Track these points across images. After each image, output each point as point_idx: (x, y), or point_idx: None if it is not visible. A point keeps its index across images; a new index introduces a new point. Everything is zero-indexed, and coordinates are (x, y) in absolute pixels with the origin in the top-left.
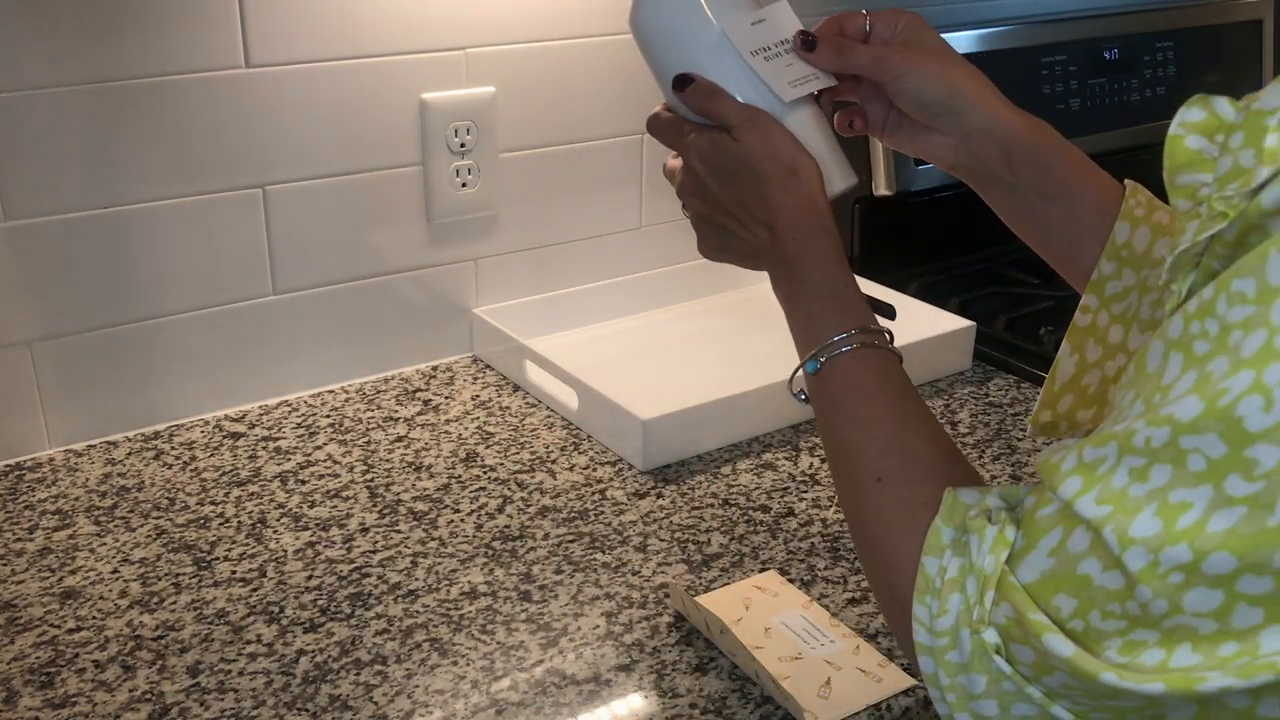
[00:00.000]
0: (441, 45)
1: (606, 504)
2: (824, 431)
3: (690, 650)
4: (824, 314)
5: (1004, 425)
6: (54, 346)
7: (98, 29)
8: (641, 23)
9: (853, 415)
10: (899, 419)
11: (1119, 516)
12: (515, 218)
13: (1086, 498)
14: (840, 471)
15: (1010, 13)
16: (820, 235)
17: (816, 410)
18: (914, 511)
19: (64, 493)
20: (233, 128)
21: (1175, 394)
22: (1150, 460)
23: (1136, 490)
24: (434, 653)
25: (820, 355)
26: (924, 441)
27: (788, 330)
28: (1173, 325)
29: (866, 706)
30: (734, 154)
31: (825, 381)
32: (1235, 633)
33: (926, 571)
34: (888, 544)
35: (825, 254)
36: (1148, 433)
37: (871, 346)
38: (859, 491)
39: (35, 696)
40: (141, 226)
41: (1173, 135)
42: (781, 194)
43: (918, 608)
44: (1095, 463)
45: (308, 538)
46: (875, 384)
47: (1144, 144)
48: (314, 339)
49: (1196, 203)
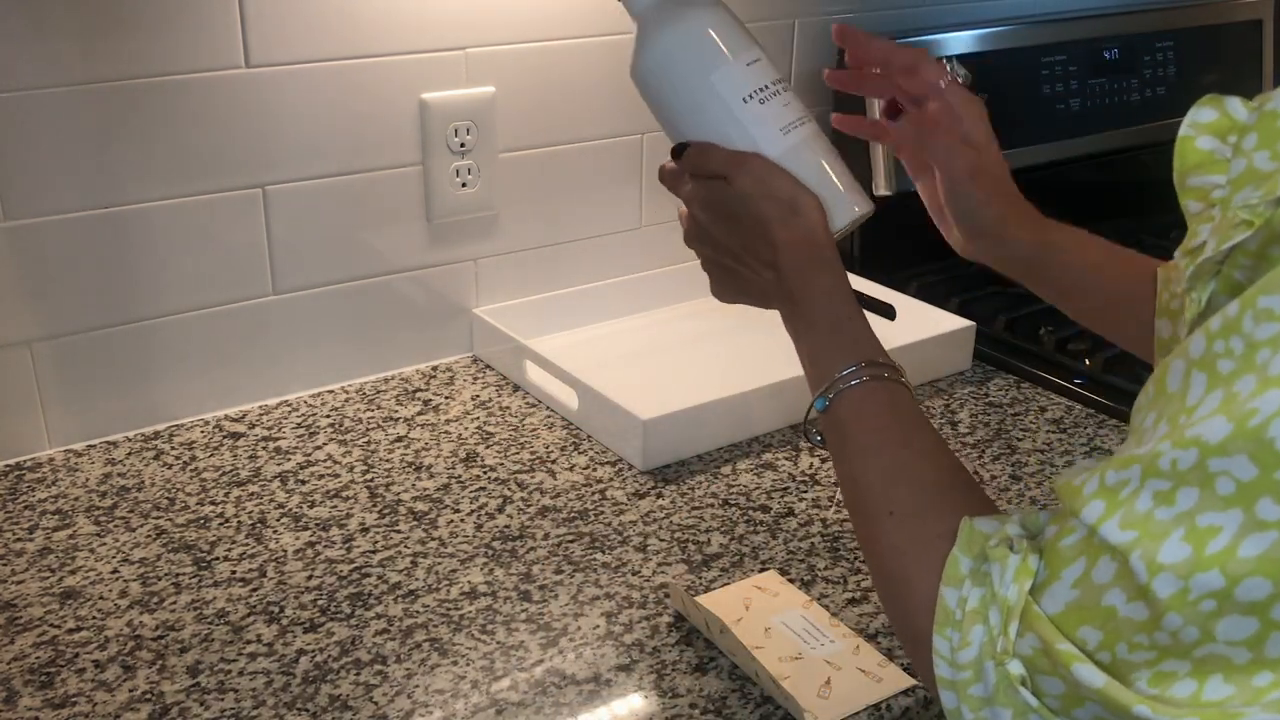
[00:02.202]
0: (441, 45)
1: (606, 504)
2: (837, 467)
3: (690, 650)
4: (829, 349)
5: (1004, 425)
6: (54, 346)
7: (98, 29)
8: (642, 75)
9: (861, 449)
10: (908, 450)
11: (1145, 542)
12: (515, 218)
13: (1110, 522)
14: (853, 507)
15: (1010, 13)
16: (821, 269)
17: (829, 447)
18: (929, 543)
19: (64, 493)
20: (233, 128)
21: (1201, 414)
22: (1176, 483)
23: (1162, 514)
24: (434, 653)
25: (828, 391)
26: (935, 471)
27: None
28: (1194, 344)
29: (866, 706)
30: (730, 198)
31: (834, 417)
32: (1270, 662)
33: (946, 603)
34: (903, 577)
35: (826, 288)
36: (1174, 455)
37: (879, 379)
38: (872, 526)
39: (35, 696)
40: (141, 226)
41: (1183, 136)
42: (783, 231)
43: (938, 640)
44: (1118, 486)
45: (308, 538)
46: (883, 416)
47: (1144, 144)
48: (314, 339)
49: (1209, 205)
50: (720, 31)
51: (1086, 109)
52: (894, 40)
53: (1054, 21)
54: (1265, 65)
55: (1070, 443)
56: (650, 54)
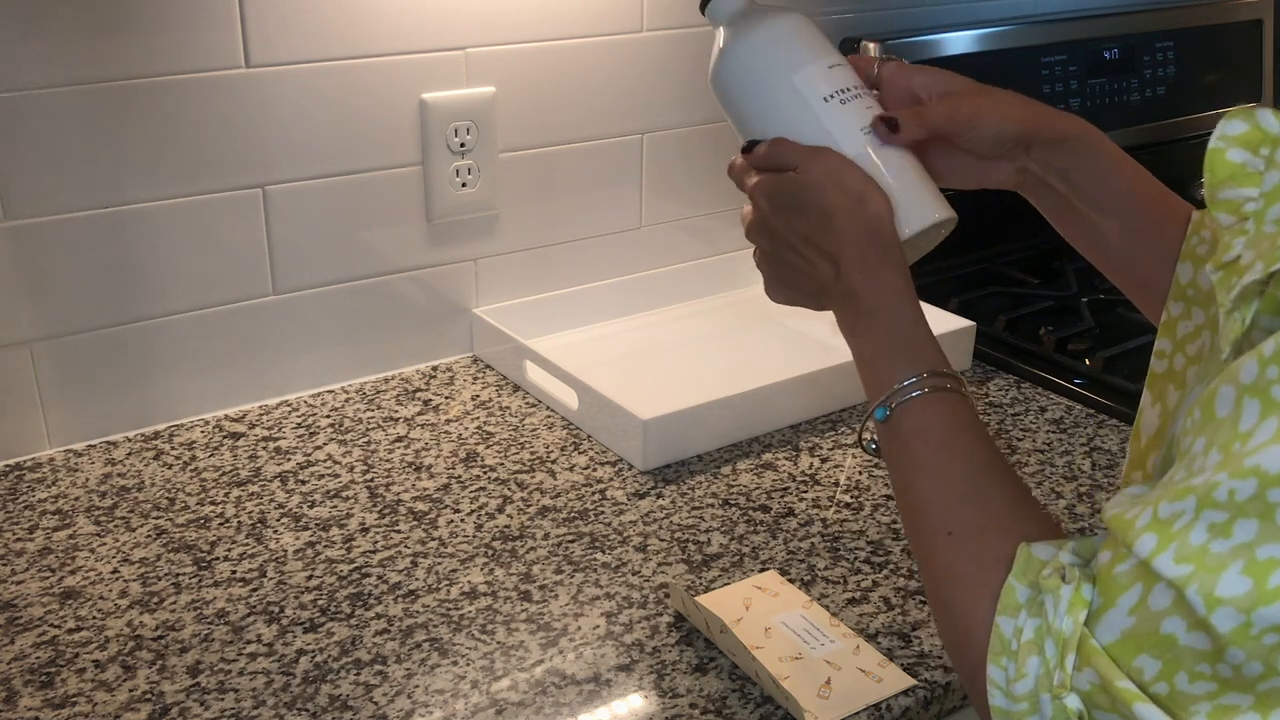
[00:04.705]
0: (441, 45)
1: (606, 504)
2: (895, 482)
3: (690, 650)
4: (892, 355)
5: (1004, 425)
6: (54, 346)
7: (98, 29)
8: (724, 79)
9: (922, 464)
10: (971, 467)
11: (1202, 575)
12: (515, 218)
13: (1164, 556)
14: (911, 524)
15: (1010, 13)
16: (889, 268)
17: (887, 460)
18: (986, 567)
19: (64, 493)
20: (233, 128)
21: (1256, 442)
22: (1234, 515)
23: (1219, 547)
24: (434, 653)
25: (890, 401)
26: (997, 490)
27: (787, 330)
28: (1245, 369)
29: (866, 706)
30: (797, 186)
31: (895, 429)
32: None
33: (1001, 632)
34: (960, 602)
35: (894, 288)
36: (1231, 485)
37: (943, 390)
38: (930, 545)
39: (35, 696)
40: (141, 226)
41: (1213, 149)
42: (848, 223)
43: (993, 669)
44: (1171, 519)
45: (308, 538)
46: (946, 431)
47: (1144, 144)
48: (314, 339)
49: (1242, 218)
50: (803, 35)
51: (1086, 109)
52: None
53: (1054, 21)
54: (1265, 65)
55: (1070, 443)
56: (735, 57)
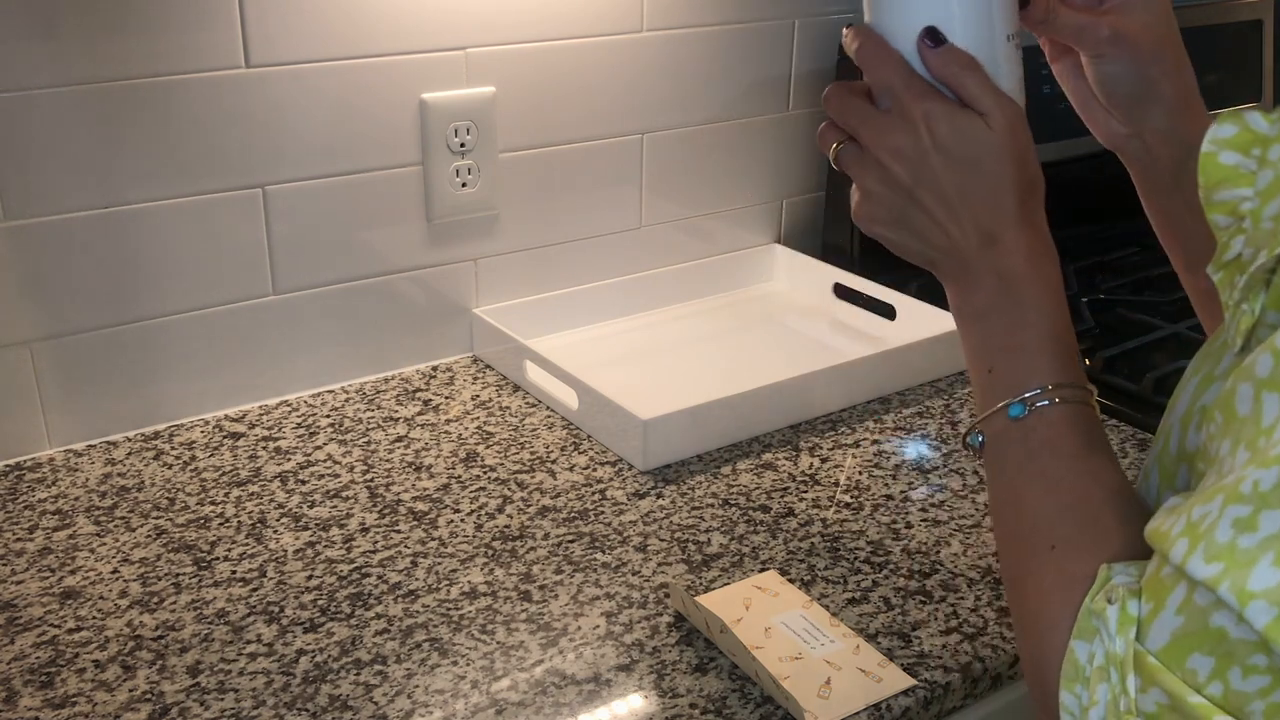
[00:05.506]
0: (441, 45)
1: (606, 504)
2: (1001, 488)
3: (690, 650)
4: (1040, 354)
5: None
6: (54, 346)
7: (98, 29)
8: None
9: (1043, 474)
10: (1090, 481)
11: (1233, 572)
12: (515, 218)
13: (1195, 558)
14: (1012, 534)
15: None
16: (1052, 264)
17: (998, 460)
18: (1071, 585)
19: (64, 493)
20: (233, 128)
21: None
22: (1258, 507)
23: (1246, 541)
24: (434, 653)
25: (1030, 400)
26: (1108, 506)
27: (788, 330)
28: (1260, 364)
29: (866, 706)
30: (981, 142)
31: (1027, 431)
32: None
33: (1076, 657)
34: (1041, 621)
35: (1054, 286)
36: (1255, 476)
37: (1082, 405)
38: (1028, 558)
39: (35, 696)
40: (141, 226)
41: (1205, 153)
42: (1019, 207)
43: (1065, 696)
44: (1201, 519)
45: (308, 538)
46: (1079, 444)
47: None
48: (314, 339)
49: (1238, 218)
50: None
51: None
52: None
53: None
54: (1265, 65)
55: None
56: None
